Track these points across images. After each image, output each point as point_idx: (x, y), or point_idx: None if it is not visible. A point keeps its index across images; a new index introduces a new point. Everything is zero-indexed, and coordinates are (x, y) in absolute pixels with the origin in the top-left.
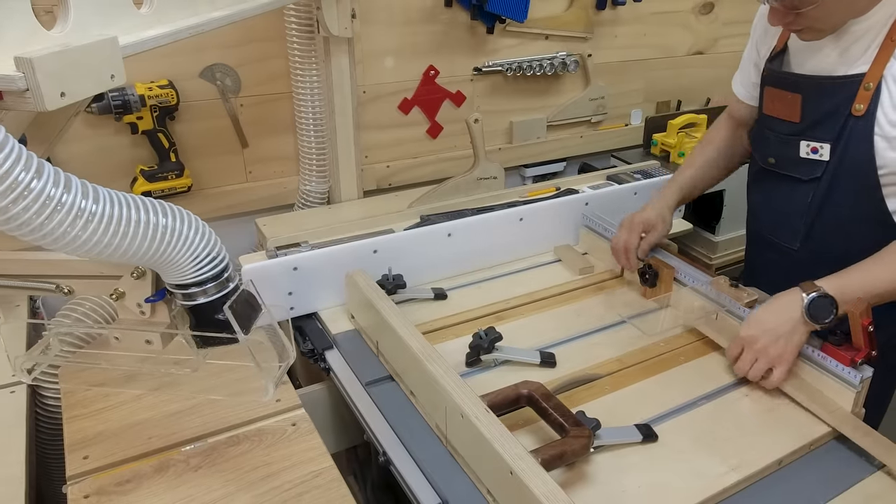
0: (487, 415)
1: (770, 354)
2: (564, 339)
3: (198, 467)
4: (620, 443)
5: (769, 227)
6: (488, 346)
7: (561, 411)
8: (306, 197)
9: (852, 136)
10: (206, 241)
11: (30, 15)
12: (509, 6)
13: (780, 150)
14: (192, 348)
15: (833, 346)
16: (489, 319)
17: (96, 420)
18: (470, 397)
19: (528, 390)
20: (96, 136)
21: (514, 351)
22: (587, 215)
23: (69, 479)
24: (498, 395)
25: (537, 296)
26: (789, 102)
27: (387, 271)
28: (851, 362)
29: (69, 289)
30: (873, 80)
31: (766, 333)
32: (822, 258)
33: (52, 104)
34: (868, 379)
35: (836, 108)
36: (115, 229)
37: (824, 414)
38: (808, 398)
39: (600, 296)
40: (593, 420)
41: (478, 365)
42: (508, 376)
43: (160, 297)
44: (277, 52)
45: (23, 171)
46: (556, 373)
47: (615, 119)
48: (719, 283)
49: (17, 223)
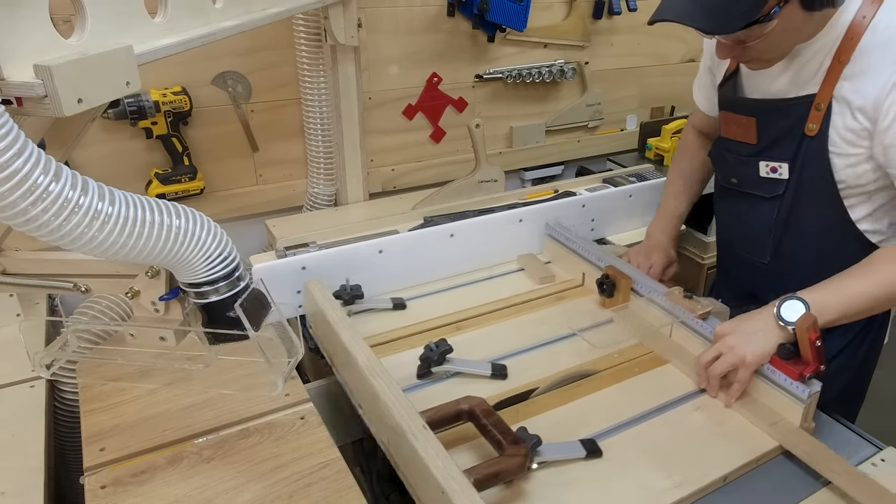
0: (424, 432)
1: (736, 352)
2: (520, 349)
3: (210, 459)
4: (563, 459)
5: (738, 242)
6: (438, 358)
7: (500, 428)
8: (314, 199)
9: (808, 155)
10: (218, 242)
11: (48, 24)
12: (509, 16)
13: (740, 171)
14: (204, 345)
15: (781, 360)
16: (447, 329)
17: (112, 413)
18: (409, 413)
19: (468, 406)
20: (112, 141)
21: (465, 363)
22: (551, 225)
23: (86, 471)
24: (439, 410)
25: (498, 305)
26: (745, 125)
27: (345, 281)
28: (800, 377)
29: (86, 287)
30: (823, 100)
31: (737, 330)
32: (794, 270)
33: (69, 110)
34: (816, 394)
35: (790, 129)
36: (131, 230)
37: (772, 429)
38: (757, 412)
39: (560, 305)
40: (534, 437)
41: (429, 377)
42: (459, 388)
43: (174, 296)
44: (286, 60)
45: (42, 175)
46: (507, 385)
47: (611, 124)
48: (674, 295)
49: (37, 224)
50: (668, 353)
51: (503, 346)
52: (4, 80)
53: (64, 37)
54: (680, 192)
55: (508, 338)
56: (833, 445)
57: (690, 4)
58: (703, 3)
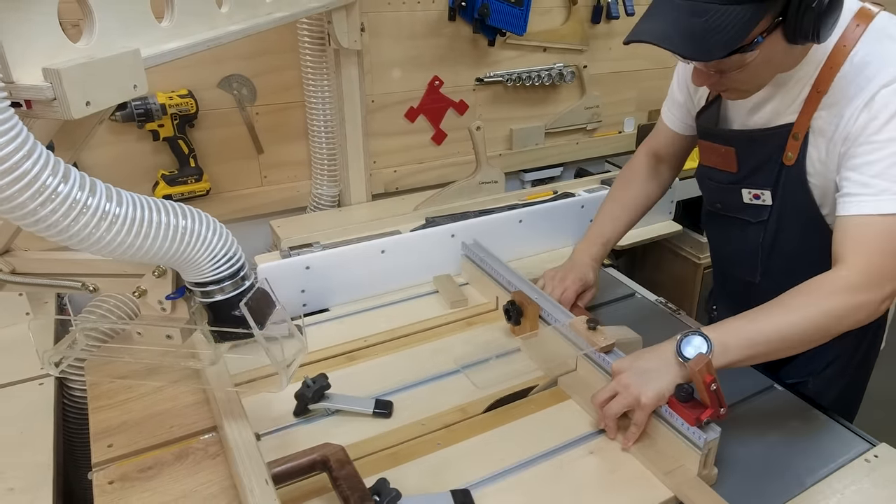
0: (265, 487)
1: (631, 391)
2: (412, 382)
3: (216, 455)
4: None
5: (728, 262)
6: (313, 395)
7: (350, 482)
8: (318, 200)
9: (788, 184)
10: (224, 242)
11: (57, 28)
12: (509, 20)
13: (723, 197)
14: (210, 343)
15: (679, 403)
16: (339, 360)
17: (120, 410)
18: (254, 465)
19: (321, 455)
20: (120, 143)
21: (346, 399)
22: (467, 244)
23: (94, 466)
24: (292, 459)
25: (400, 332)
26: (724, 155)
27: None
28: (696, 421)
29: (94, 287)
30: (801, 130)
31: (633, 367)
32: (785, 287)
33: (77, 112)
34: (715, 440)
35: (769, 158)
36: (138, 231)
37: (667, 477)
38: (654, 458)
39: (468, 332)
40: (392, 490)
41: (307, 414)
42: (339, 427)
43: (180, 295)
44: (291, 64)
45: (50, 176)
46: (391, 423)
47: (609, 126)
48: (576, 326)
49: (46, 225)
50: (571, 388)
51: (395, 378)
52: (14, 83)
53: (72, 41)
54: (617, 216)
55: (403, 369)
56: (829, 443)
57: (669, 27)
58: (681, 27)
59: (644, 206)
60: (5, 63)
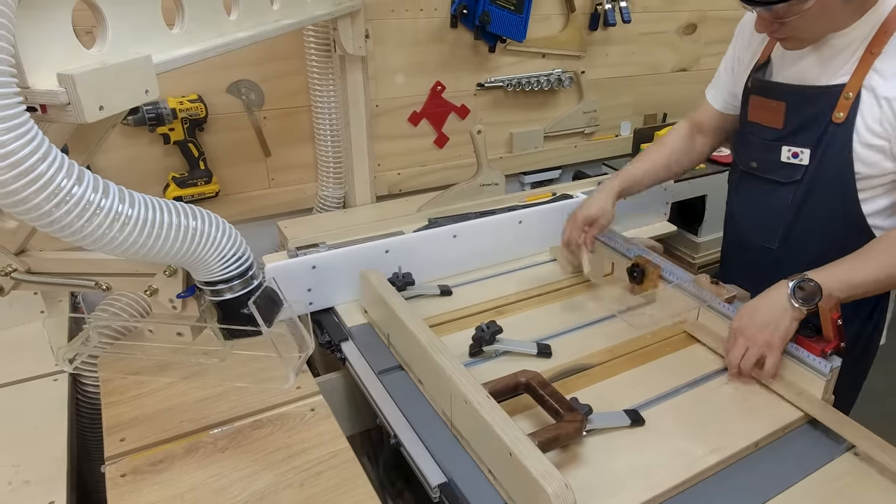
0: (489, 401)
1: (759, 342)
2: (560, 331)
3: (225, 449)
4: (611, 427)
5: (749, 226)
6: (489, 338)
7: (556, 398)
8: (324, 201)
9: (832, 143)
10: (233, 242)
11: (71, 35)
12: (509, 27)
13: (762, 155)
14: (219, 340)
15: (805, 338)
16: (490, 314)
17: (132, 406)
18: (473, 385)
19: (525, 379)
20: (132, 146)
21: (513, 343)
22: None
23: (107, 460)
24: (498, 383)
25: (534, 292)
26: (773, 109)
27: (397, 269)
28: (822, 353)
29: (107, 285)
30: (853, 90)
31: (754, 321)
32: (799, 258)
33: (91, 117)
34: (837, 368)
35: (818, 116)
36: (150, 231)
37: (797, 400)
38: (783, 386)
39: (591, 292)
40: (585, 406)
41: (480, 356)
42: (508, 366)
43: (190, 293)
44: (298, 69)
45: (65, 178)
46: (552, 363)
47: (606, 130)
48: (701, 281)
49: (60, 226)
50: (697, 334)
51: (545, 328)
52: (30, 88)
53: (86, 47)
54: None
55: (549, 321)
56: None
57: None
58: None
59: (674, 161)
60: (21, 69)
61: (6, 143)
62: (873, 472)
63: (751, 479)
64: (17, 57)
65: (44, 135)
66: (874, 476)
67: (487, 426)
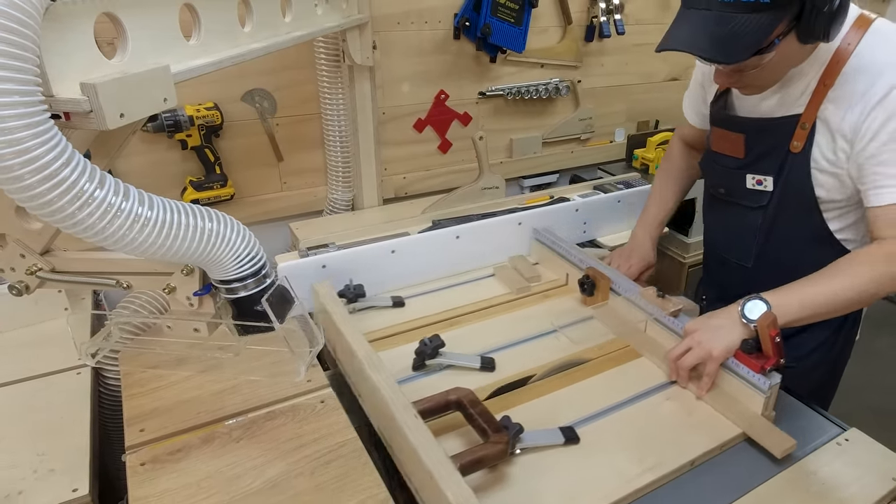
0: (415, 421)
1: (704, 346)
2: (507, 344)
3: (239, 439)
4: (543, 445)
5: (724, 246)
6: (431, 352)
7: (485, 417)
8: (333, 204)
9: (792, 170)
10: (247, 243)
11: (93, 46)
12: (509, 39)
13: (728, 182)
14: (234, 335)
15: (745, 354)
16: (441, 325)
17: (151, 398)
18: (402, 404)
19: (456, 397)
20: (151, 152)
21: (456, 356)
22: (538, 230)
23: (128, 449)
24: (430, 400)
25: (489, 303)
26: (733, 141)
27: (349, 282)
28: (761, 370)
29: (128, 284)
30: (808, 120)
31: (705, 326)
32: (775, 274)
33: (112, 124)
34: (776, 385)
35: (776, 146)
36: (168, 232)
37: (736, 417)
38: (723, 402)
39: (545, 303)
40: (517, 425)
41: (423, 369)
42: (450, 380)
43: (206, 291)
44: (308, 79)
45: (87, 182)
46: (495, 376)
47: (601, 136)
48: (648, 294)
49: (83, 227)
50: (643, 348)
51: (492, 340)
52: (54, 96)
53: (107, 57)
54: (665, 197)
55: (497, 333)
56: (804, 427)
57: (696, 35)
58: (709, 34)
59: (685, 186)
60: (46, 78)
61: (32, 149)
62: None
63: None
64: (42, 67)
65: (67, 141)
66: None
67: (412, 447)
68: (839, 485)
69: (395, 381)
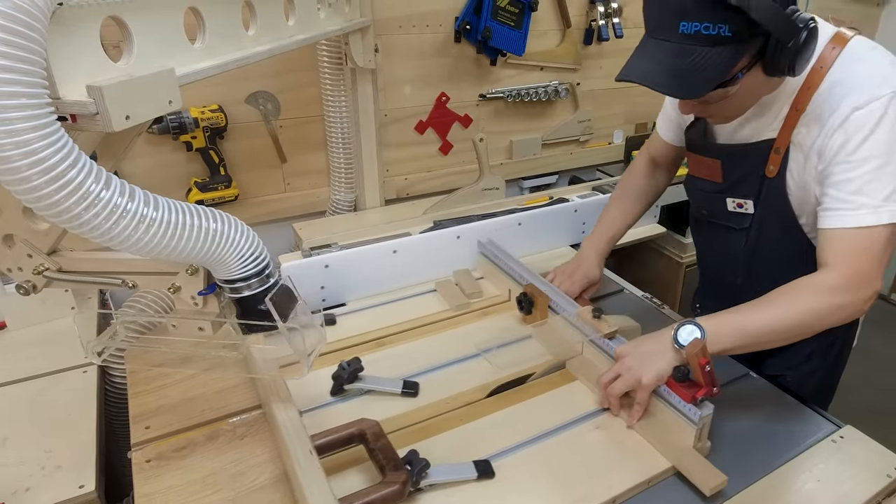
0: (309, 457)
1: (633, 373)
2: (435, 366)
3: (243, 436)
4: (454, 481)
5: (713, 264)
6: (349, 377)
7: (385, 453)
8: (336, 205)
9: (769, 194)
10: (251, 243)
11: (99, 49)
12: (509, 42)
13: (710, 205)
14: (238, 334)
15: (676, 383)
16: (370, 346)
17: (157, 396)
18: (298, 438)
19: (359, 429)
20: (156, 153)
21: (377, 381)
22: (482, 242)
23: (133, 446)
24: (333, 432)
25: (424, 321)
26: (710, 166)
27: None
28: (692, 399)
29: (133, 283)
30: (782, 145)
31: (635, 351)
32: (765, 287)
33: (118, 126)
34: (709, 416)
35: (752, 171)
36: (172, 233)
37: (666, 449)
38: (654, 433)
39: (483, 321)
40: (423, 461)
41: (341, 394)
42: (370, 406)
43: (211, 291)
44: (311, 81)
45: (94, 183)
46: (417, 402)
47: (600, 138)
48: (584, 315)
49: (89, 227)
50: (578, 371)
51: (421, 362)
52: (60, 99)
53: (113, 60)
54: (616, 216)
55: (427, 354)
56: (800, 425)
57: (657, 67)
58: (668, 67)
59: (643, 206)
60: (53, 80)
61: (39, 150)
62: (806, 484)
63: None
64: (49, 70)
65: (74, 143)
66: (807, 487)
67: (300, 488)
68: (834, 482)
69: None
